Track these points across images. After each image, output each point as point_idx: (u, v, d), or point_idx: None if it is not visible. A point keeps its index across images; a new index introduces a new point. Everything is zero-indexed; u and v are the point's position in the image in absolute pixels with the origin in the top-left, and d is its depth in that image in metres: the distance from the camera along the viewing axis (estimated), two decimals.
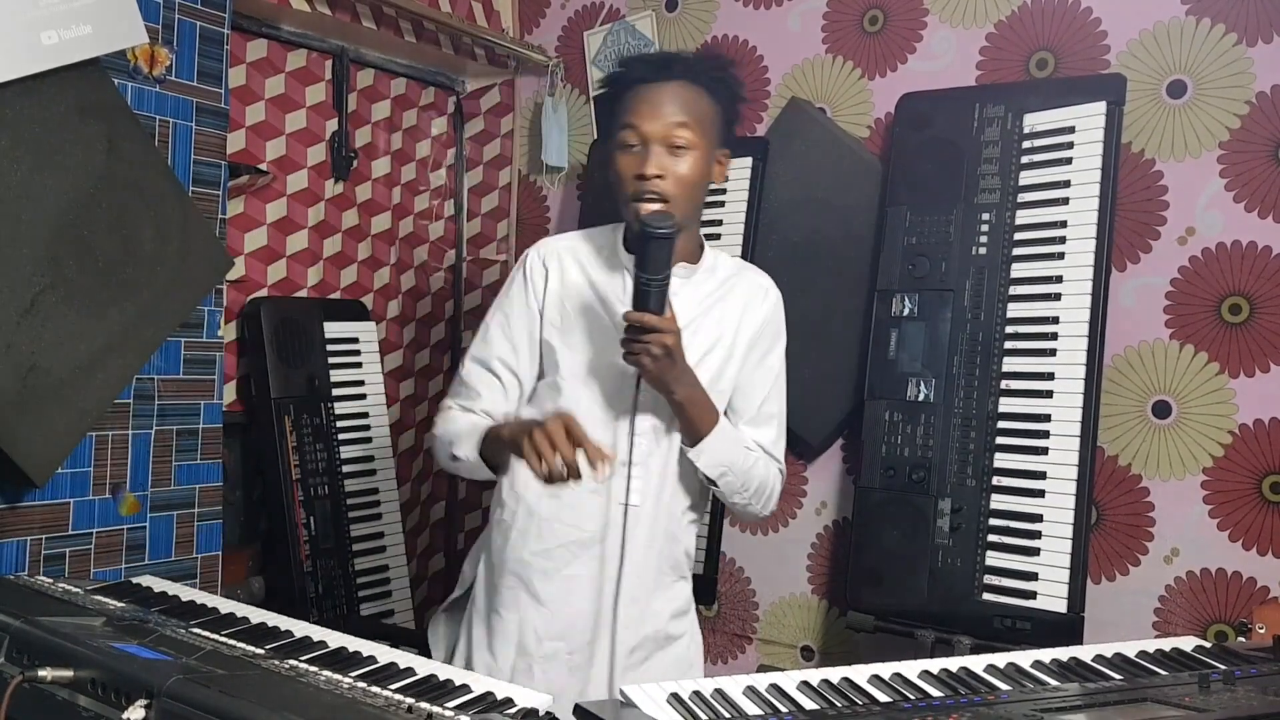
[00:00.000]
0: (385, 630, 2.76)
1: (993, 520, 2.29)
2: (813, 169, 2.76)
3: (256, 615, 1.52)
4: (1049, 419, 2.26)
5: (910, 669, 1.35)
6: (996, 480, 2.30)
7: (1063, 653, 1.45)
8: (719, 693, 1.24)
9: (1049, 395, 2.27)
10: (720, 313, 1.75)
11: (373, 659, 1.34)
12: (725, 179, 1.77)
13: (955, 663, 1.38)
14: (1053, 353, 2.28)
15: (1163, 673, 1.39)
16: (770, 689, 1.26)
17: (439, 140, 3.28)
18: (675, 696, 1.23)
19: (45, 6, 1.79)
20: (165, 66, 2.11)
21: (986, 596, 2.26)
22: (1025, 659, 1.42)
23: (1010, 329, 2.34)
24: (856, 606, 2.43)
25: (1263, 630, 2.01)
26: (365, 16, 2.81)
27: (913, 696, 1.27)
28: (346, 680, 1.20)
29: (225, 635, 1.39)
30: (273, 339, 2.67)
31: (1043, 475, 2.25)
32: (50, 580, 1.67)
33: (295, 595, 2.65)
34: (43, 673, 1.21)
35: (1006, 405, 2.32)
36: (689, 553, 1.82)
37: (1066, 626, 2.17)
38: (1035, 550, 2.23)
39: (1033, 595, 2.21)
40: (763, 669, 2.82)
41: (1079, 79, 2.44)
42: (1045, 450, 2.26)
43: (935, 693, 1.28)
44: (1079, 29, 2.49)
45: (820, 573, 2.81)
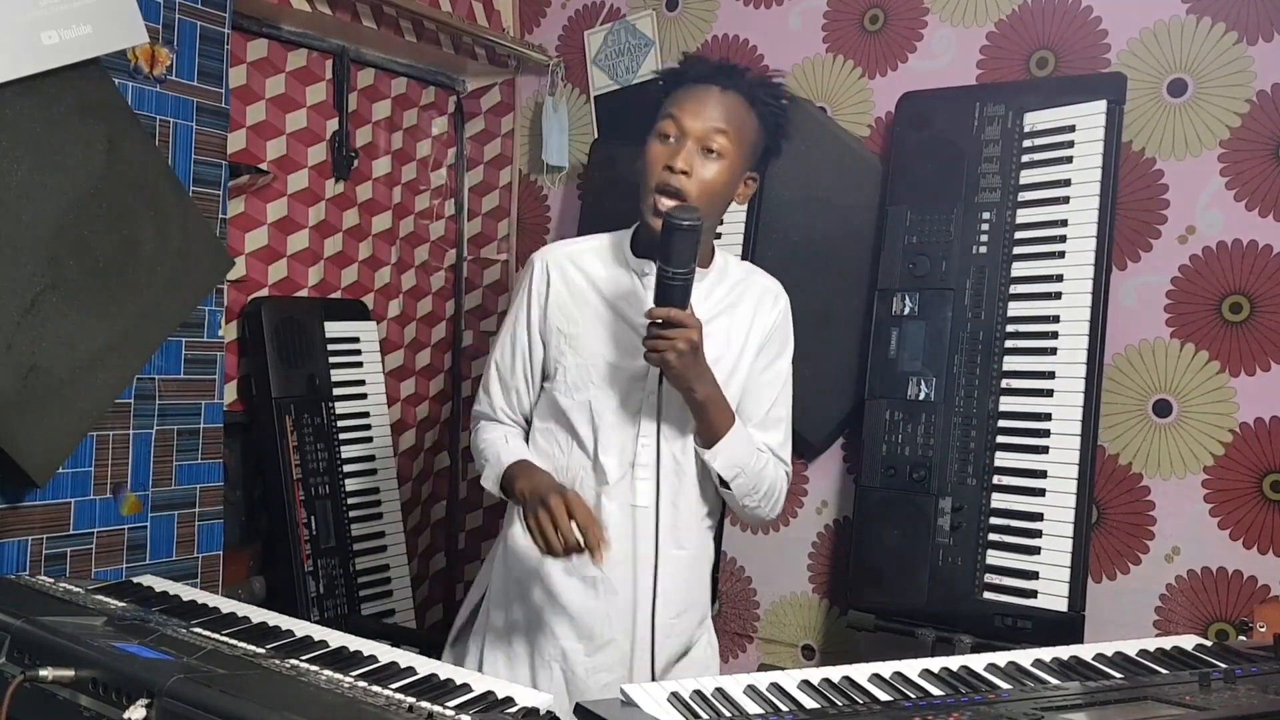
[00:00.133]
0: (386, 630, 2.76)
1: (993, 519, 2.29)
2: (813, 168, 2.76)
3: (257, 615, 1.52)
4: (1049, 418, 2.26)
5: (911, 668, 1.35)
6: (997, 479, 2.30)
7: (1063, 651, 1.45)
8: (720, 692, 1.24)
9: (1049, 394, 2.27)
10: (731, 316, 1.75)
11: (373, 659, 1.34)
12: (746, 201, 1.78)
13: (956, 661, 1.38)
14: (1053, 351, 2.28)
15: (1163, 671, 1.39)
16: (771, 688, 1.26)
17: (439, 140, 3.28)
18: (676, 696, 1.23)
19: (45, 6, 1.79)
20: (165, 66, 2.11)
21: (987, 595, 2.26)
22: (1026, 658, 1.42)
23: (1011, 328, 2.34)
24: (857, 605, 2.43)
25: (1263, 629, 2.02)
26: (365, 16, 2.81)
27: (913, 695, 1.27)
28: (347, 680, 1.20)
29: (226, 635, 1.39)
30: (273, 339, 2.67)
31: (1043, 474, 2.26)
32: (51, 580, 1.67)
33: (296, 595, 2.65)
34: (44, 672, 1.21)
35: (1007, 404, 2.32)
36: (709, 557, 1.82)
37: (1067, 625, 2.17)
38: (1036, 549, 2.23)
39: (1033, 594, 2.22)
40: (763, 668, 2.82)
41: (1079, 78, 2.44)
42: (1046, 449, 2.26)
43: (936, 691, 1.28)
44: (1079, 28, 2.49)
45: (821, 572, 2.81)
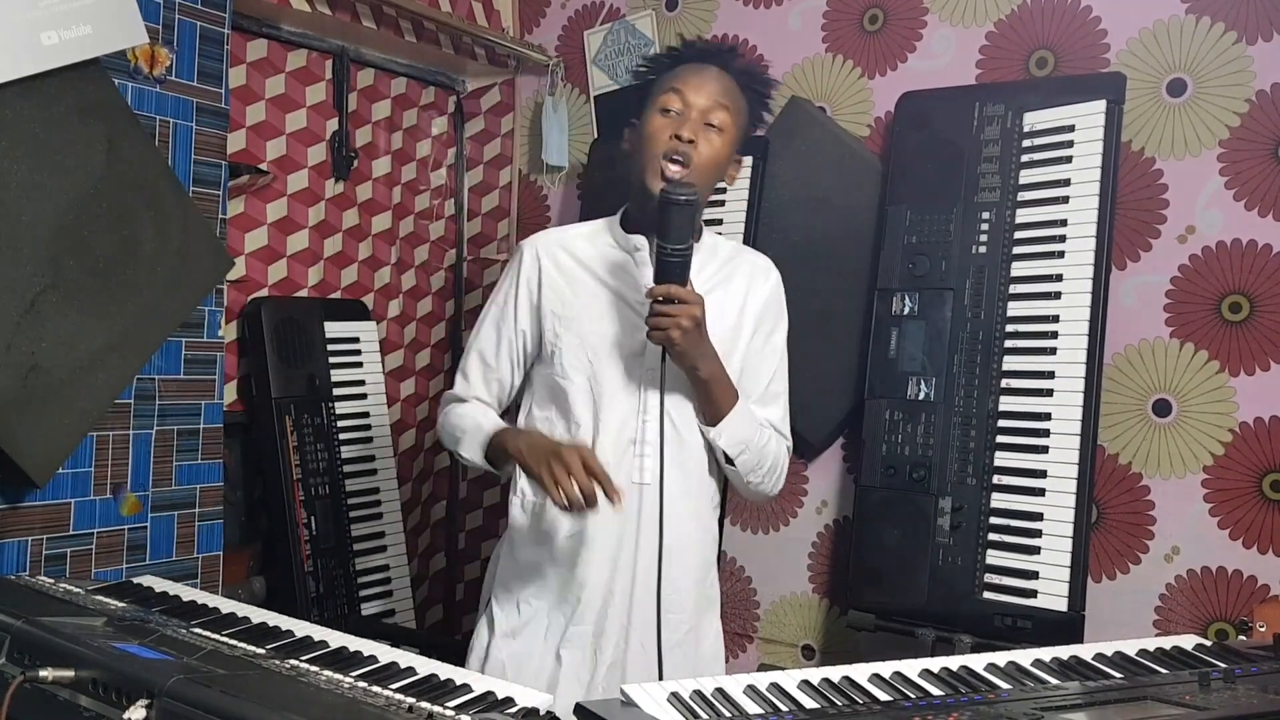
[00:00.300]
0: (386, 630, 2.77)
1: (993, 519, 2.29)
2: (813, 168, 2.76)
3: (257, 615, 1.52)
4: (1049, 417, 2.26)
5: (911, 668, 1.35)
6: (997, 479, 2.30)
7: (1063, 651, 1.45)
8: (720, 692, 1.24)
9: (1049, 394, 2.27)
10: (724, 293, 1.76)
11: (373, 659, 1.34)
12: (733, 182, 1.81)
13: (956, 661, 1.38)
14: (1053, 351, 2.28)
15: (1163, 671, 1.39)
16: (771, 688, 1.26)
17: (439, 140, 3.28)
18: (676, 696, 1.23)
19: (45, 6, 1.79)
20: (165, 66, 2.11)
21: (987, 595, 2.26)
22: (1026, 658, 1.42)
23: (1010, 327, 2.34)
24: (857, 605, 2.44)
25: (1263, 628, 2.02)
26: (365, 16, 2.81)
27: (913, 695, 1.27)
28: (347, 680, 1.20)
29: (226, 635, 1.39)
30: (273, 339, 2.67)
31: (1043, 474, 2.25)
32: (51, 580, 1.67)
33: (296, 595, 2.65)
34: (44, 673, 1.21)
35: (1007, 404, 2.32)
36: (714, 536, 1.83)
37: (1067, 625, 2.17)
38: (1036, 549, 2.23)
39: (1033, 594, 2.22)
40: (763, 668, 2.82)
41: (1079, 78, 2.44)
42: (1045, 449, 2.26)
43: (936, 691, 1.28)
44: (1079, 28, 2.49)
45: (821, 572, 2.81)
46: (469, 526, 3.37)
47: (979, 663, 1.39)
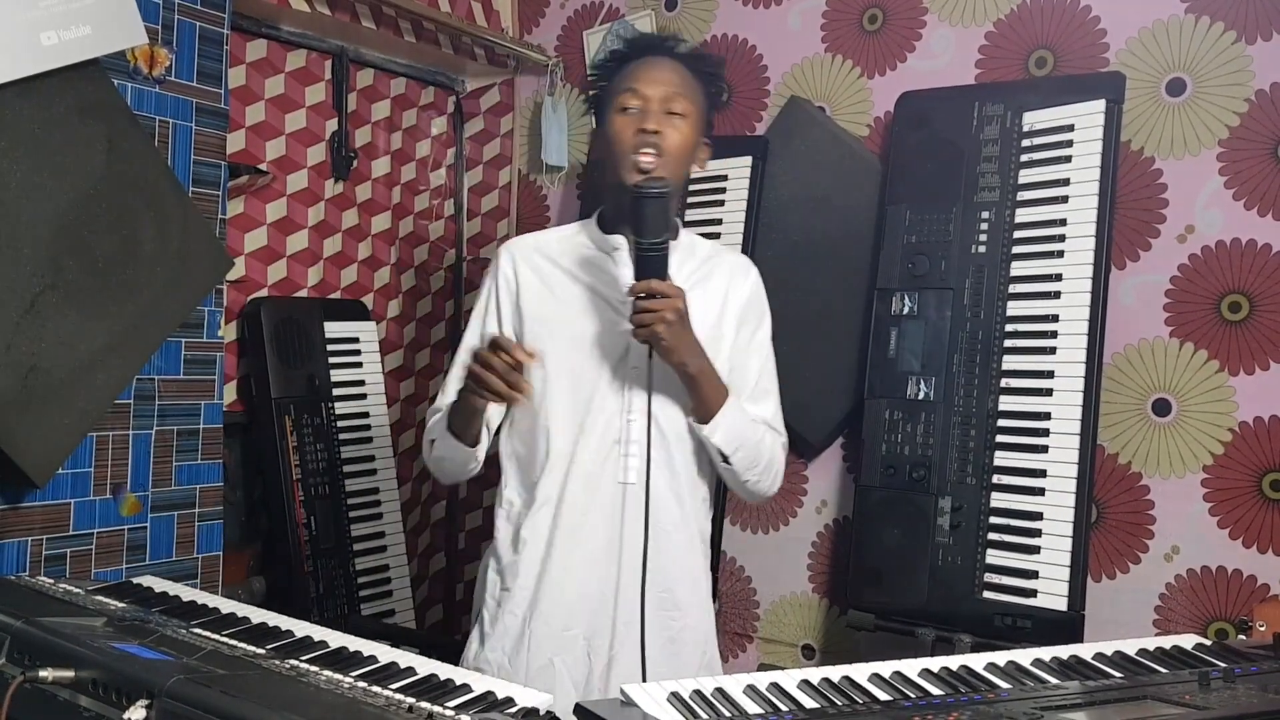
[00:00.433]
0: (386, 630, 2.77)
1: (993, 518, 2.29)
2: (812, 168, 2.76)
3: (257, 615, 1.52)
4: (1049, 417, 2.26)
5: (911, 667, 1.35)
6: (997, 478, 2.30)
7: (1063, 651, 1.45)
8: (719, 691, 1.24)
9: (1049, 393, 2.27)
10: (705, 291, 1.75)
11: (373, 659, 1.34)
12: (704, 167, 1.80)
13: (955, 661, 1.38)
14: (1052, 351, 2.28)
15: (1163, 671, 1.39)
16: (771, 688, 1.26)
17: (439, 140, 3.28)
18: (676, 695, 1.23)
19: (45, 7, 1.79)
20: (165, 67, 2.11)
21: (987, 595, 2.26)
22: (1025, 657, 1.42)
23: (1010, 327, 2.34)
24: (857, 605, 2.44)
25: (1263, 628, 2.01)
26: (365, 16, 2.81)
27: (913, 695, 1.27)
28: (347, 680, 1.20)
29: (226, 635, 1.39)
30: (273, 339, 2.67)
31: (1043, 473, 2.25)
32: (51, 581, 1.67)
33: (296, 595, 2.65)
34: (44, 673, 1.21)
35: (1006, 403, 2.32)
36: (704, 535, 1.81)
37: (1067, 624, 2.17)
38: (1035, 548, 2.23)
39: (1033, 593, 2.22)
40: (763, 668, 2.82)
41: (1078, 77, 2.44)
42: (1045, 448, 2.26)
43: (936, 691, 1.28)
44: (1078, 27, 2.49)
45: (821, 571, 2.81)
46: (469, 526, 3.37)
47: (979, 662, 1.39)
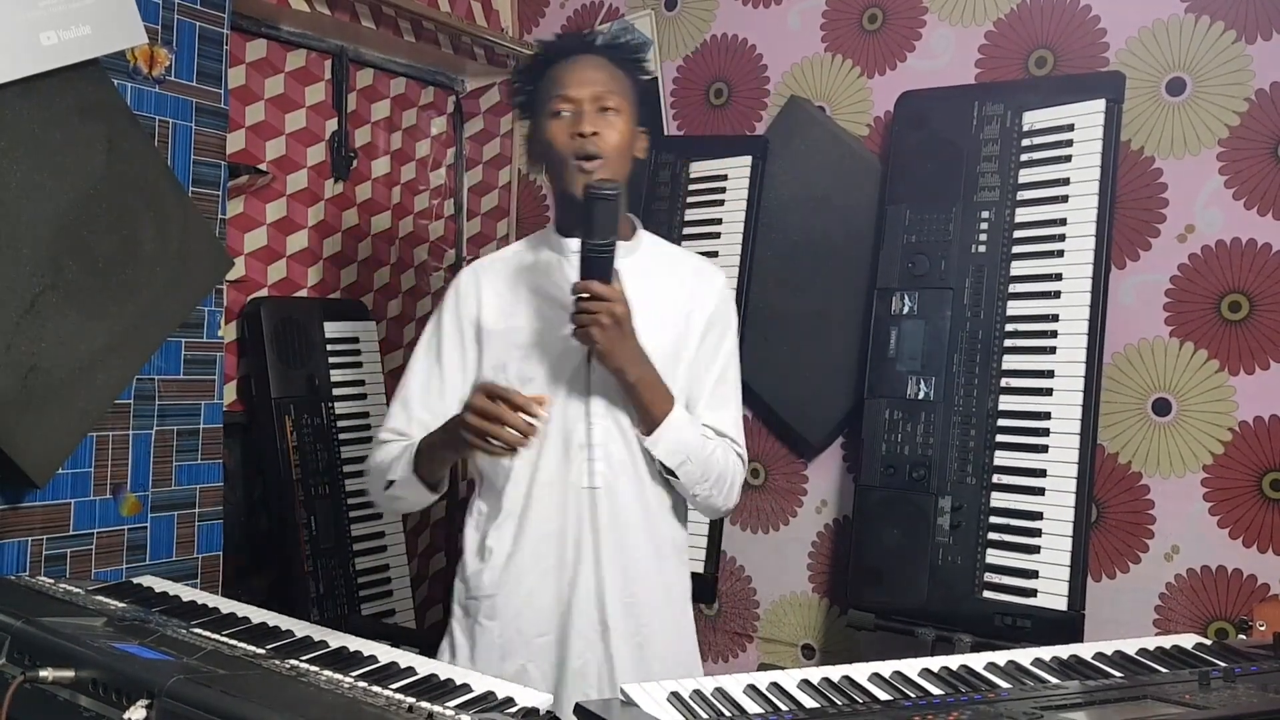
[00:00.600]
0: (386, 630, 2.76)
1: (993, 518, 2.29)
2: (812, 168, 2.76)
3: (257, 615, 1.52)
4: (1049, 417, 2.26)
5: (911, 667, 1.35)
6: (996, 478, 2.30)
7: (1063, 650, 1.45)
8: (719, 691, 1.24)
9: (1049, 393, 2.27)
10: (666, 293, 1.72)
11: (373, 659, 1.35)
12: (644, 154, 1.77)
13: (955, 661, 1.38)
14: (1052, 350, 2.28)
15: (1163, 670, 1.39)
16: (771, 687, 1.26)
17: (439, 140, 3.28)
18: (675, 695, 1.23)
19: (44, 7, 1.79)
20: (165, 67, 2.11)
21: (987, 594, 2.26)
22: (1025, 657, 1.42)
23: (1010, 327, 2.34)
24: (857, 605, 2.44)
25: (1263, 627, 2.01)
26: (365, 16, 2.81)
27: (913, 695, 1.27)
28: (347, 680, 1.20)
29: (226, 635, 1.40)
30: (273, 339, 2.67)
31: (1043, 473, 2.26)
32: (51, 581, 1.67)
33: (296, 595, 2.65)
34: (44, 673, 1.21)
35: (1006, 403, 2.32)
36: (675, 540, 1.77)
37: (1067, 624, 2.17)
38: (1035, 548, 2.23)
39: (1033, 593, 2.22)
40: (763, 667, 2.82)
41: (1078, 77, 2.44)
42: (1045, 448, 2.26)
43: (936, 691, 1.29)
44: (1078, 27, 2.49)
45: (821, 571, 2.81)
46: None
47: (979, 662, 1.39)
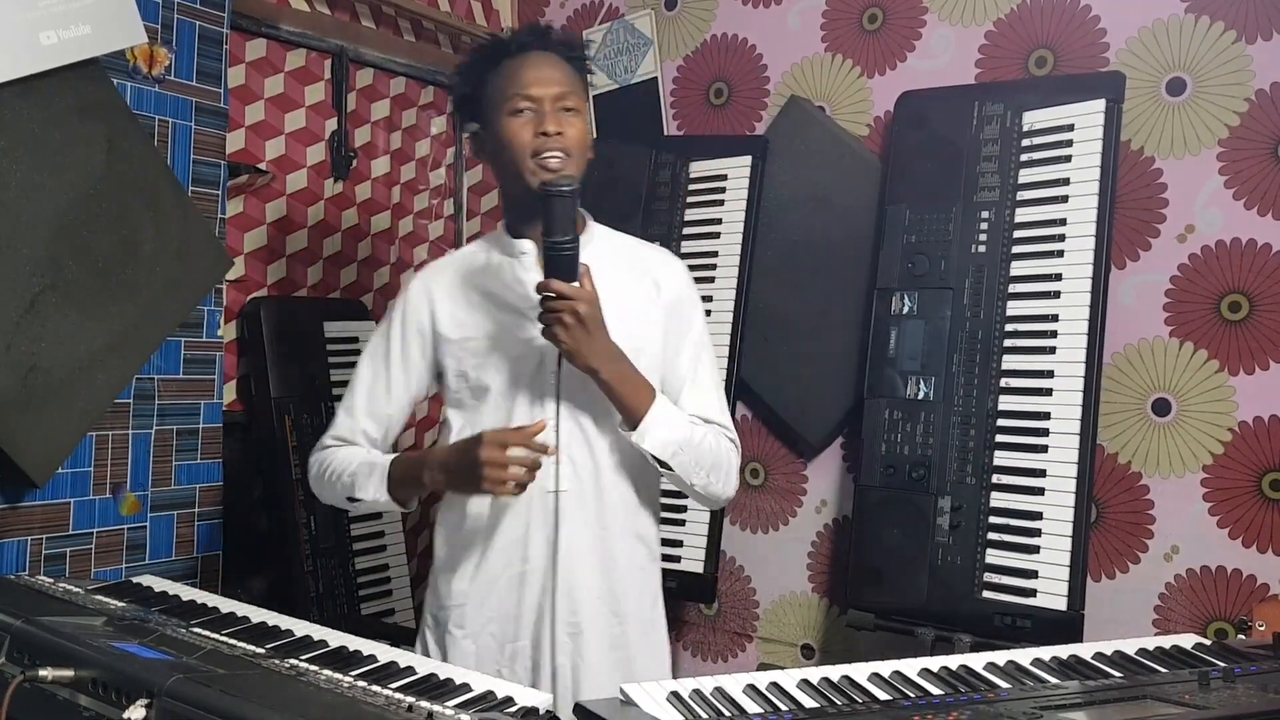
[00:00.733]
0: (386, 629, 2.76)
1: (993, 518, 2.29)
2: (812, 168, 2.76)
3: (257, 615, 1.52)
4: (1049, 417, 2.26)
5: (910, 667, 1.35)
6: (996, 478, 2.30)
7: (1063, 650, 1.45)
8: (719, 691, 1.24)
9: (1049, 393, 2.27)
10: (625, 284, 1.69)
11: (373, 658, 1.35)
12: (593, 155, 1.75)
13: (955, 660, 1.38)
14: (1052, 350, 2.28)
15: (1163, 670, 1.39)
16: (770, 687, 1.26)
17: (438, 139, 3.28)
18: (675, 695, 1.23)
19: (44, 7, 1.79)
20: (164, 66, 2.11)
21: (986, 594, 2.26)
22: (1025, 657, 1.42)
23: (1010, 327, 2.34)
24: (857, 605, 2.43)
25: (1263, 628, 2.01)
26: (364, 16, 2.81)
27: (913, 694, 1.27)
28: (347, 679, 1.20)
29: (226, 635, 1.39)
30: (273, 339, 2.67)
31: (1042, 473, 2.25)
32: (51, 580, 1.67)
33: (295, 595, 2.65)
34: (43, 672, 1.21)
35: (1006, 403, 2.32)
36: (644, 537, 1.75)
37: (1066, 624, 2.17)
38: (1035, 548, 2.23)
39: (1033, 593, 2.22)
40: (763, 667, 2.82)
41: (1078, 77, 2.44)
42: (1045, 448, 2.26)
43: (935, 691, 1.29)
44: (1078, 27, 2.49)
45: (820, 571, 2.81)
46: None
47: (978, 662, 1.39)
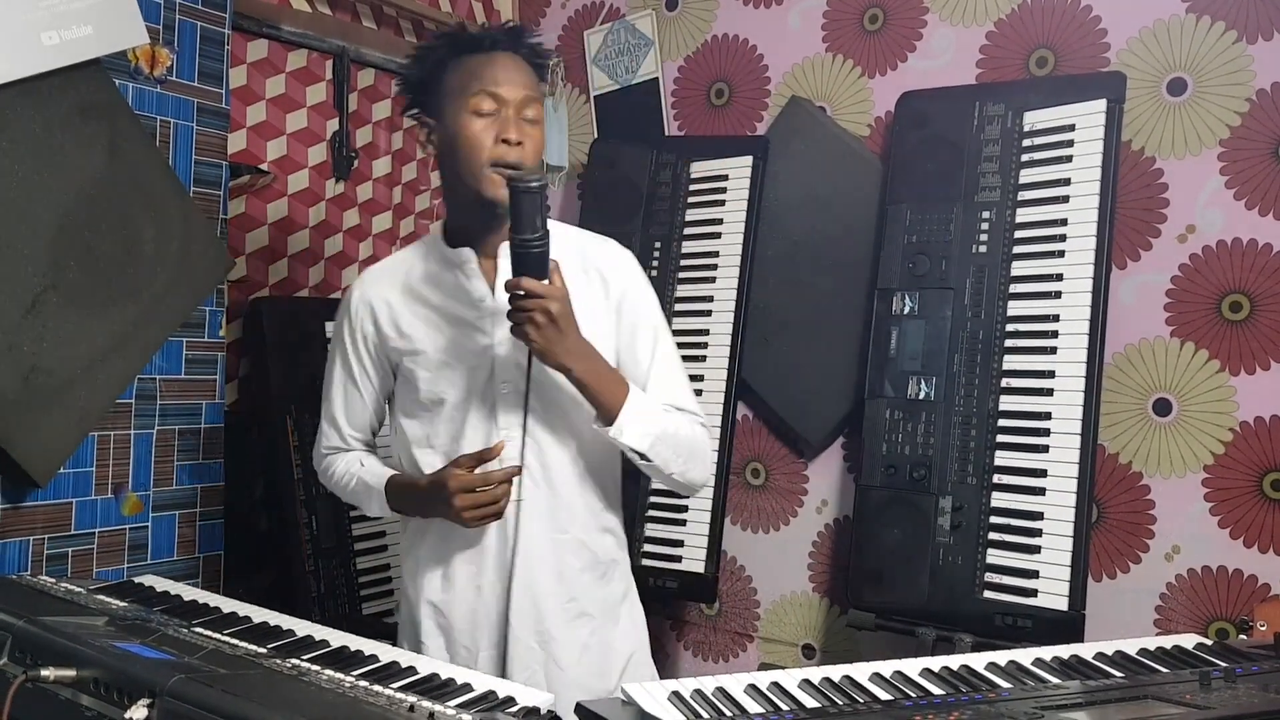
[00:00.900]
0: (387, 629, 2.76)
1: (993, 518, 2.29)
2: (813, 168, 2.76)
3: (258, 614, 1.52)
4: (1049, 417, 2.26)
5: (911, 667, 1.35)
6: (997, 478, 2.30)
7: (1064, 650, 1.45)
8: (720, 691, 1.24)
9: (1049, 393, 2.27)
10: (576, 285, 1.66)
11: (375, 658, 1.35)
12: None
13: (956, 660, 1.39)
14: (1053, 350, 2.28)
15: (1164, 670, 1.39)
16: (771, 687, 1.26)
17: None
18: (677, 695, 1.23)
19: (46, 7, 1.79)
20: (166, 67, 2.11)
21: (987, 594, 2.26)
22: (1026, 657, 1.42)
23: (1011, 327, 2.34)
24: (858, 604, 2.43)
25: (1264, 627, 2.02)
26: (366, 16, 2.82)
27: (914, 694, 1.28)
28: (348, 679, 1.21)
29: (227, 635, 1.40)
30: (274, 339, 2.67)
31: (1043, 473, 2.25)
32: (53, 580, 1.68)
33: (297, 594, 2.65)
34: (46, 672, 1.22)
35: (1007, 403, 2.32)
36: (609, 529, 1.74)
37: (1067, 624, 2.17)
38: (1036, 548, 2.23)
39: (1034, 593, 2.22)
40: (764, 667, 2.82)
41: (1079, 77, 2.44)
42: (1046, 448, 2.26)
43: (936, 691, 1.29)
44: (1079, 27, 2.49)
45: (821, 571, 2.81)
46: None
47: (979, 662, 1.39)
